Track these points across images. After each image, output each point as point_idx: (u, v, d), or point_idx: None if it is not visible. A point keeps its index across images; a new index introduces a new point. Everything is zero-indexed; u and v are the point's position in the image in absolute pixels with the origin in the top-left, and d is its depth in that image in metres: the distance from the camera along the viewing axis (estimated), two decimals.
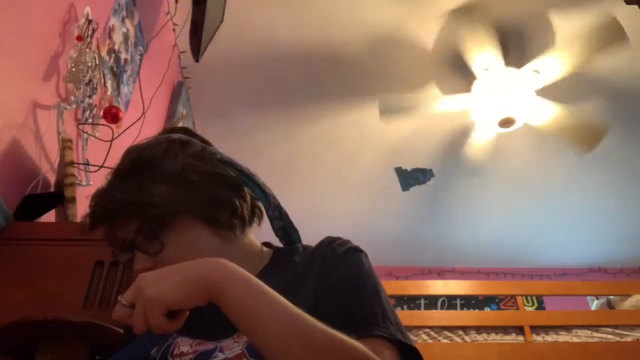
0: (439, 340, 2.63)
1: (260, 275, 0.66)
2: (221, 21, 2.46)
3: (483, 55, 2.76)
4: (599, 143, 3.00)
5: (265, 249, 0.88)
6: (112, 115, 1.75)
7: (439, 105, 3.03)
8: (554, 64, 2.74)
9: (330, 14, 2.80)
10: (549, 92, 2.91)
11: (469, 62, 2.80)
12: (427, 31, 2.88)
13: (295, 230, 0.88)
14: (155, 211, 0.74)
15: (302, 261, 0.80)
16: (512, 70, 2.86)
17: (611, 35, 2.57)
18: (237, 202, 0.80)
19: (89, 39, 1.69)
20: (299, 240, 0.88)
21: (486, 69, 2.85)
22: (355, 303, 0.70)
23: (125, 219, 0.76)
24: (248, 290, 0.61)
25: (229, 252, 0.68)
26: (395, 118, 3.05)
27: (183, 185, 0.77)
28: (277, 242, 0.90)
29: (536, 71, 2.82)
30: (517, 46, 2.96)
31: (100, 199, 0.78)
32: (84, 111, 1.79)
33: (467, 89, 2.99)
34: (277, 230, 0.87)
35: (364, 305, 0.70)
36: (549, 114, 2.94)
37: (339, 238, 0.81)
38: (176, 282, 0.60)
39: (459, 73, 3.00)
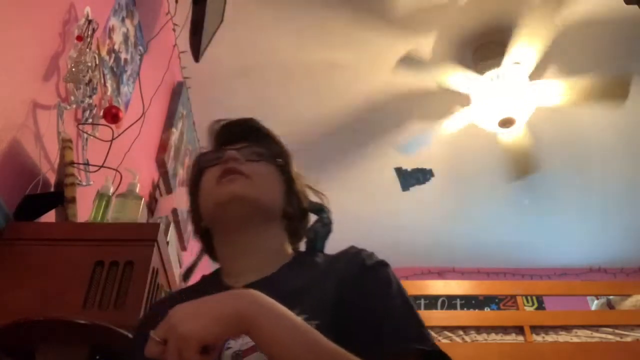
0: (439, 340, 2.63)
1: (279, 271, 0.80)
2: (221, 21, 2.46)
3: (454, 75, 2.82)
4: (629, 90, 2.80)
5: (290, 251, 0.91)
6: (112, 115, 1.75)
7: (447, 128, 3.08)
8: (525, 48, 2.69)
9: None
10: (548, 71, 2.87)
11: (450, 86, 2.88)
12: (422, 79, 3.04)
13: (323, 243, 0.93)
14: (276, 148, 0.92)
15: (324, 262, 0.83)
16: (493, 72, 2.84)
17: None
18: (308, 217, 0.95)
19: (89, 39, 1.68)
20: (322, 250, 0.92)
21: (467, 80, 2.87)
22: (389, 319, 0.72)
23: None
24: (279, 324, 0.62)
25: (274, 234, 0.85)
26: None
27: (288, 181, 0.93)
28: None
29: (517, 62, 2.78)
30: (483, 49, 2.94)
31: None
32: (84, 111, 1.78)
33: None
34: (310, 234, 0.92)
35: (399, 322, 0.72)
36: (557, 90, 2.86)
37: (364, 250, 0.82)
38: (211, 317, 0.59)
39: (457, 95, 3.01)
